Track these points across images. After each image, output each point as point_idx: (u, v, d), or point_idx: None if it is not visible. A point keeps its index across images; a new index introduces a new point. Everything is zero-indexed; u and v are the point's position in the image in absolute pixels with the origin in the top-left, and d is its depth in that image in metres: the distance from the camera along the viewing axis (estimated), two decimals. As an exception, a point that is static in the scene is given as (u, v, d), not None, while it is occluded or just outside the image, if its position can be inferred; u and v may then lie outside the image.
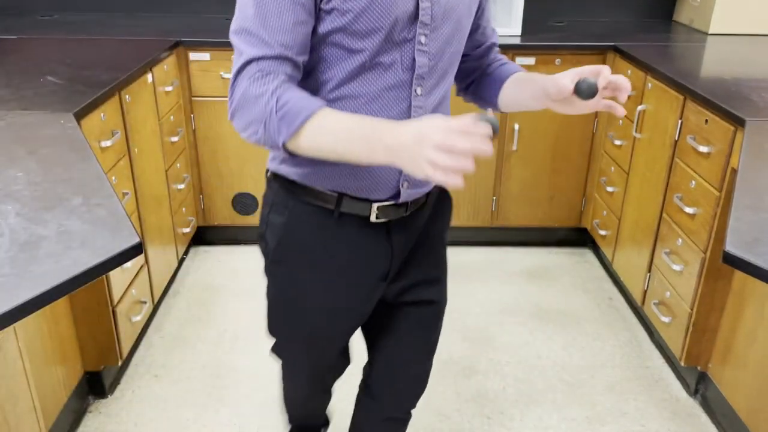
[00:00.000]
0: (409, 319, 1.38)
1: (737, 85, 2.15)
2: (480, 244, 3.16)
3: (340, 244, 1.22)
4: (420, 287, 1.35)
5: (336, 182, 1.17)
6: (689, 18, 3.18)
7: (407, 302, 1.36)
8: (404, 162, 0.90)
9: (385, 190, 1.18)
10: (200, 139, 2.88)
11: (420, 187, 1.22)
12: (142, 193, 2.29)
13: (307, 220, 1.21)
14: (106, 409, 2.12)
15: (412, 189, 1.20)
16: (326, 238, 1.22)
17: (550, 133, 2.89)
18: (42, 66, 2.27)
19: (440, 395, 2.19)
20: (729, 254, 1.17)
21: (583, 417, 2.11)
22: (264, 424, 2.06)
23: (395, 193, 1.19)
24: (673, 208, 2.22)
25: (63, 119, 1.73)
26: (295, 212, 1.21)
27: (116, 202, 1.27)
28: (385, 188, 1.18)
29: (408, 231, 1.26)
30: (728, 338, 2.02)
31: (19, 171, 1.41)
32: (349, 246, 1.23)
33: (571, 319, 2.61)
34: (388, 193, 1.19)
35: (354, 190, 1.17)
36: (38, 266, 1.06)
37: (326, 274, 1.25)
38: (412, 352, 1.42)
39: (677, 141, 2.20)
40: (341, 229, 1.21)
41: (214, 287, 2.79)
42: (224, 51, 2.72)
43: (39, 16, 3.21)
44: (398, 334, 1.39)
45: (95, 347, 2.07)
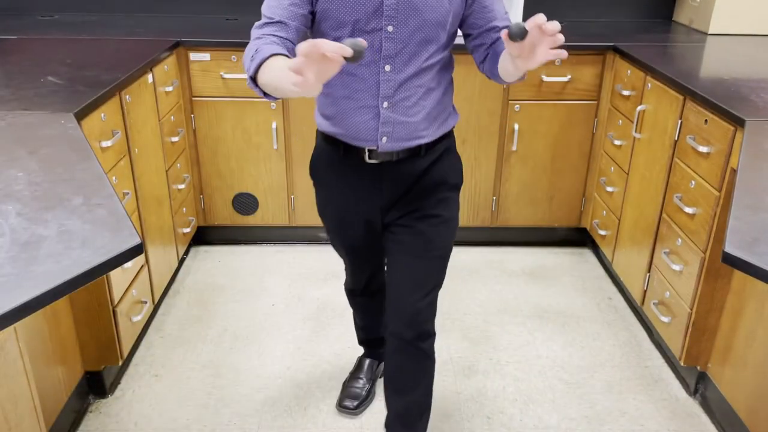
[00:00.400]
0: (398, 244, 1.68)
1: (737, 85, 2.15)
2: (480, 244, 3.16)
3: (345, 175, 1.65)
4: (413, 219, 1.65)
5: (333, 130, 1.60)
6: (689, 18, 3.18)
7: (400, 228, 1.67)
8: (289, 87, 1.15)
9: (368, 141, 1.56)
10: (200, 139, 2.88)
11: (400, 142, 1.56)
12: (142, 193, 2.29)
13: (325, 155, 1.68)
14: (106, 408, 2.12)
15: (392, 143, 1.56)
16: (335, 169, 1.66)
17: (550, 133, 2.89)
18: (42, 66, 2.27)
19: (440, 395, 2.19)
20: (728, 254, 1.17)
21: (583, 416, 2.12)
22: (264, 424, 2.06)
23: (376, 144, 1.56)
24: (672, 208, 2.22)
25: (63, 119, 1.74)
26: (319, 149, 1.70)
27: (117, 202, 1.27)
28: (366, 139, 1.56)
29: (400, 173, 1.61)
30: (728, 338, 2.02)
31: (19, 171, 1.41)
32: (350, 177, 1.65)
33: (570, 319, 2.61)
34: (371, 143, 1.56)
35: (346, 138, 1.58)
36: (39, 266, 1.06)
37: (336, 193, 1.71)
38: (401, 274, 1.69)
39: (677, 141, 2.20)
40: (346, 163, 1.63)
41: (215, 287, 2.79)
42: (224, 51, 2.73)
43: (39, 16, 3.21)
44: (391, 258, 1.72)
45: (96, 347, 2.08)
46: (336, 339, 2.46)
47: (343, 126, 1.57)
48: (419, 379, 1.76)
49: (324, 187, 1.74)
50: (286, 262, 3.00)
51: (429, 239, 1.65)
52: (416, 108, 1.54)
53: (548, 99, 2.83)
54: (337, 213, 1.74)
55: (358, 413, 2.09)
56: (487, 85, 2.79)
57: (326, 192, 1.74)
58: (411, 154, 1.59)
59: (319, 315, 2.61)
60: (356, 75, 1.50)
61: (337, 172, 1.66)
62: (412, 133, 1.56)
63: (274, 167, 2.94)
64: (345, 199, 1.69)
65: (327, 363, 2.34)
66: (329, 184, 1.71)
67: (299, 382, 2.25)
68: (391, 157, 1.59)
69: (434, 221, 1.65)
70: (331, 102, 1.57)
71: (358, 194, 1.66)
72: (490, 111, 2.85)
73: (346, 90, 1.52)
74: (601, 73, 2.79)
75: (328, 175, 1.70)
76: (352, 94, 1.52)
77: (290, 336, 2.48)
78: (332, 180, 1.69)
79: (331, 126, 1.60)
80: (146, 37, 2.76)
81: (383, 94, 1.50)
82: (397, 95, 1.51)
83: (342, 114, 1.56)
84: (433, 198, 1.65)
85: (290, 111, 2.84)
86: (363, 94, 1.51)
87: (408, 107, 1.53)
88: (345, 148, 1.60)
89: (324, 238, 3.16)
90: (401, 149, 1.58)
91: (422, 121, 1.56)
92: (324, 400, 2.16)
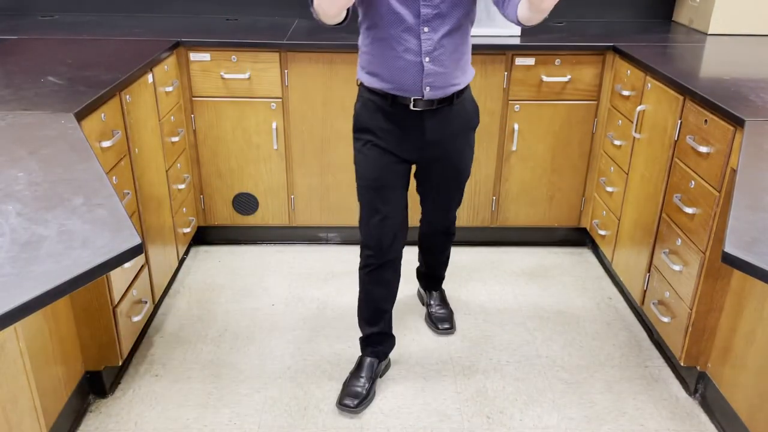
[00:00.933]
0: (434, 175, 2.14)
1: (736, 85, 2.15)
2: (480, 244, 3.17)
3: (391, 122, 1.97)
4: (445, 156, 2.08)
5: (382, 85, 1.92)
6: (689, 18, 3.18)
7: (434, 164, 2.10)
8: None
9: (414, 92, 1.90)
10: (201, 140, 2.88)
11: (440, 89, 1.91)
12: (142, 193, 2.29)
13: (371, 106, 1.98)
14: (106, 408, 2.12)
15: (433, 91, 1.91)
16: (383, 117, 1.97)
17: (550, 133, 2.89)
18: (43, 66, 2.27)
19: (440, 395, 2.20)
20: (728, 254, 1.18)
21: (583, 416, 2.12)
22: (264, 424, 2.06)
23: (421, 94, 1.90)
24: (672, 208, 2.22)
25: (64, 119, 1.74)
26: (364, 103, 1.99)
27: (117, 202, 1.27)
28: (413, 91, 1.90)
29: (437, 118, 1.98)
30: (727, 338, 2.03)
31: (20, 171, 1.42)
32: (396, 124, 1.97)
33: (570, 319, 2.61)
34: (417, 94, 1.90)
35: (394, 90, 1.91)
36: (39, 266, 1.06)
37: (381, 138, 1.99)
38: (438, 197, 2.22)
39: (677, 141, 2.20)
40: (393, 112, 1.95)
41: (215, 287, 2.79)
42: (224, 51, 2.73)
43: (39, 16, 3.21)
44: (427, 184, 2.19)
45: (96, 347, 2.08)
46: (336, 339, 2.47)
47: (392, 81, 1.90)
48: (445, 248, 2.49)
49: (368, 134, 2.00)
50: (286, 262, 3.00)
51: (458, 171, 2.14)
52: (451, 60, 1.90)
53: (548, 99, 2.83)
54: (384, 151, 2.00)
55: (359, 412, 2.11)
56: (487, 85, 2.79)
57: (373, 137, 2.00)
58: (445, 101, 1.96)
59: (319, 315, 2.61)
60: (401, 38, 1.84)
61: (385, 120, 1.97)
62: (448, 81, 1.92)
63: (274, 167, 2.94)
64: (392, 139, 1.99)
65: (327, 363, 2.34)
66: (378, 128, 1.98)
67: (299, 382, 2.25)
68: (431, 105, 1.94)
69: (460, 156, 2.10)
70: (380, 62, 1.90)
71: (402, 137, 1.99)
72: (490, 111, 2.85)
73: (393, 51, 1.86)
74: (600, 73, 2.80)
75: (376, 122, 1.98)
76: (400, 55, 1.86)
77: (290, 336, 2.48)
78: (381, 125, 1.98)
79: (380, 82, 1.92)
80: (146, 37, 2.76)
81: (425, 51, 1.85)
82: (436, 51, 1.86)
83: (391, 71, 1.89)
84: (461, 137, 2.08)
85: (290, 111, 2.84)
86: (408, 54, 1.86)
87: (444, 60, 1.89)
88: (393, 100, 1.93)
89: (324, 238, 3.16)
90: (440, 97, 1.93)
91: (455, 70, 1.93)
92: (324, 400, 2.16)
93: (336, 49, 2.72)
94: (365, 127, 2.00)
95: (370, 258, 2.09)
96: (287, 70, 2.77)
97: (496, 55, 2.75)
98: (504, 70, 2.77)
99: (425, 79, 1.88)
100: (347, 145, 2.90)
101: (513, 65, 2.76)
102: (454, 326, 2.53)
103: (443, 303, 2.60)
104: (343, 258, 2.98)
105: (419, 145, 2.00)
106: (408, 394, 2.20)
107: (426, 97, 1.91)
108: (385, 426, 2.06)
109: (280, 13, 3.27)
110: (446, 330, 2.51)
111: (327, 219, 3.07)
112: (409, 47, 1.84)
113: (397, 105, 1.94)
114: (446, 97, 1.95)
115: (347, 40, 2.73)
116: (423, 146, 2.01)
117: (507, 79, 2.79)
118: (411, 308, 2.66)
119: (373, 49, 1.90)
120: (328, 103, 2.82)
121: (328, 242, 3.17)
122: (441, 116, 1.97)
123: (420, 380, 2.26)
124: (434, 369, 2.32)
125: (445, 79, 1.91)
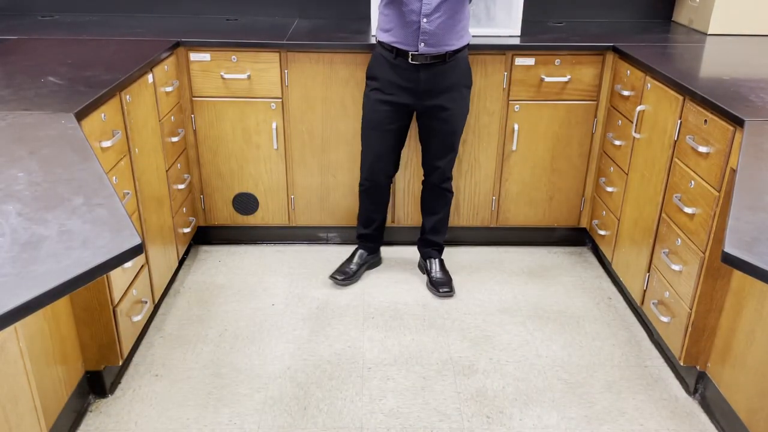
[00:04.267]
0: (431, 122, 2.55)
1: (736, 85, 2.15)
2: (480, 244, 3.17)
3: (395, 71, 2.44)
4: (440, 107, 2.50)
5: (390, 39, 2.40)
6: (688, 18, 3.18)
7: (431, 113, 2.52)
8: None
9: (412, 46, 2.37)
10: (201, 140, 2.88)
11: (433, 47, 2.37)
12: (142, 193, 2.29)
13: (382, 58, 2.46)
14: (106, 408, 2.12)
15: (427, 48, 2.36)
16: (389, 67, 2.44)
17: (549, 133, 2.89)
18: (43, 66, 2.27)
19: (440, 395, 2.20)
20: (728, 254, 1.18)
21: (582, 416, 2.12)
22: (264, 424, 2.07)
23: (417, 48, 2.37)
24: (672, 208, 2.22)
25: (64, 119, 1.74)
26: (377, 55, 2.49)
27: (117, 202, 1.27)
28: (411, 45, 2.37)
29: (432, 72, 2.42)
30: (727, 338, 2.03)
31: (20, 171, 1.42)
32: (399, 73, 2.44)
33: (570, 319, 2.62)
34: (413, 48, 2.37)
35: (398, 44, 2.39)
36: (39, 266, 1.06)
37: (387, 84, 2.47)
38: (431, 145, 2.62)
39: (676, 141, 2.21)
40: (396, 63, 2.43)
41: (215, 287, 2.79)
42: (224, 51, 2.73)
43: (39, 17, 3.21)
44: (423, 129, 2.61)
45: (96, 347, 2.08)
46: (336, 339, 2.47)
47: (397, 35, 2.39)
48: (443, 205, 2.78)
49: (378, 82, 2.49)
50: (286, 262, 3.00)
51: (451, 121, 2.54)
52: (445, 24, 2.34)
53: (548, 99, 2.83)
54: (386, 98, 2.49)
55: (345, 286, 2.80)
56: (487, 85, 2.79)
57: (379, 85, 2.48)
58: (439, 59, 2.40)
59: (319, 315, 2.61)
60: (407, 1, 2.32)
61: (391, 69, 2.44)
62: (441, 41, 2.37)
63: (274, 167, 2.94)
64: (394, 89, 2.47)
65: (327, 363, 2.34)
66: (383, 78, 2.47)
67: (299, 382, 2.25)
68: (426, 60, 2.39)
69: (454, 109, 2.51)
70: (390, 20, 2.39)
71: (404, 85, 2.45)
72: (490, 111, 2.85)
73: (400, 11, 2.35)
74: (600, 73, 2.80)
75: (383, 72, 2.46)
76: (405, 15, 2.34)
77: (290, 336, 2.48)
78: (386, 75, 2.46)
79: (390, 36, 2.40)
80: (146, 37, 2.76)
81: (424, 13, 2.32)
82: (432, 15, 2.32)
83: (397, 27, 2.37)
84: (455, 92, 2.48)
85: (290, 111, 2.84)
86: (412, 14, 2.34)
87: (440, 24, 2.34)
88: (397, 52, 2.40)
89: (324, 238, 3.16)
90: (434, 53, 2.38)
91: (449, 33, 2.37)
92: (324, 400, 2.16)
93: (336, 49, 2.72)
94: (373, 76, 2.49)
95: (365, 181, 2.71)
96: (287, 70, 2.77)
97: (496, 55, 2.75)
98: (504, 70, 2.77)
99: (421, 36, 2.35)
100: (347, 145, 2.90)
101: (513, 65, 2.76)
102: (453, 289, 2.77)
103: (443, 270, 2.84)
104: (343, 258, 2.98)
105: (416, 93, 2.46)
106: (408, 394, 2.20)
107: (420, 52, 2.37)
108: (385, 426, 2.06)
109: (280, 13, 3.27)
110: (446, 293, 2.74)
111: (327, 219, 3.07)
112: (413, 8, 2.32)
113: (399, 57, 2.41)
114: (439, 55, 2.39)
115: (347, 41, 2.73)
116: (419, 94, 2.46)
117: (507, 79, 2.79)
118: (411, 309, 2.66)
119: (387, 9, 2.39)
120: (328, 103, 2.82)
121: (328, 242, 3.18)
122: (435, 70, 2.42)
123: (420, 380, 2.26)
124: (434, 369, 2.32)
125: (437, 40, 2.36)
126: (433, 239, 2.85)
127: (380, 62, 2.46)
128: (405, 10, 2.32)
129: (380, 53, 2.46)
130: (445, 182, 2.70)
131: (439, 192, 2.73)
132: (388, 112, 2.50)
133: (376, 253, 2.94)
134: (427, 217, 2.83)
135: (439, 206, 2.78)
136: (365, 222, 2.84)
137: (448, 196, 2.76)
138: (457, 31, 2.38)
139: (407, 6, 2.32)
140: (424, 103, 2.48)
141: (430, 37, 2.34)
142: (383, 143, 2.58)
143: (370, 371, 2.30)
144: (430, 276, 2.81)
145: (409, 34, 2.35)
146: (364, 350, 2.41)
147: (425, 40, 2.35)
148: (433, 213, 2.80)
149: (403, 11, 2.33)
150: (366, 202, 2.78)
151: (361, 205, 2.81)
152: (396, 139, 2.60)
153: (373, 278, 2.87)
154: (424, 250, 2.89)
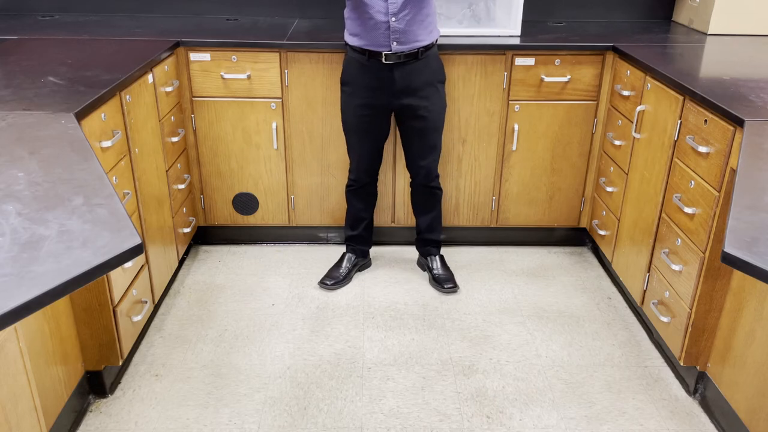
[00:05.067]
0: (410, 121, 2.55)
1: (736, 85, 2.15)
2: (480, 244, 3.17)
3: (370, 74, 2.44)
4: (417, 106, 2.49)
5: (360, 42, 2.39)
6: (688, 18, 3.18)
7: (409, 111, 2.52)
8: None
9: (384, 47, 2.38)
10: (201, 140, 2.88)
11: (405, 45, 2.38)
12: (142, 193, 2.29)
13: (354, 62, 2.46)
14: (106, 408, 2.12)
15: (400, 46, 2.37)
16: (363, 70, 2.45)
17: (549, 133, 2.89)
18: (43, 66, 2.27)
19: (440, 395, 2.20)
20: (728, 254, 1.18)
21: (582, 416, 2.12)
22: (264, 424, 2.07)
23: (389, 48, 2.37)
24: (672, 208, 2.22)
25: (64, 119, 1.74)
26: (349, 59, 2.49)
27: (117, 202, 1.28)
28: (383, 45, 2.37)
29: (406, 70, 2.43)
30: (727, 338, 2.03)
31: (20, 171, 1.42)
32: (373, 75, 2.44)
33: (570, 319, 2.62)
34: (386, 48, 2.38)
35: (369, 46, 2.38)
36: (39, 266, 1.06)
37: (363, 88, 2.48)
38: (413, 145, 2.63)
39: (676, 141, 2.21)
40: (369, 65, 2.42)
41: (215, 287, 2.79)
42: (224, 51, 2.73)
43: (39, 17, 3.21)
44: (403, 130, 2.61)
45: (96, 347, 2.08)
46: (336, 339, 2.47)
47: (367, 38, 2.38)
48: (435, 203, 2.78)
49: (352, 86, 2.49)
50: (286, 262, 3.00)
51: (430, 117, 2.54)
52: (414, 20, 2.35)
53: (548, 99, 2.83)
54: (362, 102, 2.49)
55: (334, 290, 2.78)
56: (487, 85, 2.79)
57: (354, 89, 2.49)
58: (412, 56, 2.41)
59: (319, 315, 2.61)
60: (373, 2, 2.32)
61: (364, 72, 2.44)
62: (412, 38, 2.38)
63: (274, 167, 2.94)
64: (369, 92, 2.47)
65: (327, 363, 2.34)
66: (358, 82, 2.47)
67: (299, 382, 2.25)
68: (399, 59, 2.39)
69: (431, 105, 2.52)
70: (358, 24, 2.38)
71: (379, 86, 2.45)
72: (490, 111, 2.85)
73: (366, 14, 2.34)
74: (600, 73, 2.80)
75: (357, 76, 2.46)
76: (372, 16, 2.33)
77: (290, 336, 2.48)
78: (360, 79, 2.46)
79: (359, 40, 2.40)
80: (146, 37, 2.76)
81: (391, 12, 2.32)
82: (400, 13, 2.33)
83: (365, 30, 2.37)
84: (430, 88, 2.49)
85: (290, 111, 2.84)
86: (378, 15, 2.33)
87: (409, 20, 2.35)
88: (369, 54, 2.40)
89: (324, 238, 3.16)
90: (406, 51, 2.39)
91: (419, 29, 2.38)
92: (324, 400, 2.16)
93: (336, 49, 2.72)
94: (347, 81, 2.51)
95: (352, 182, 2.74)
96: (287, 70, 2.77)
97: (496, 55, 2.75)
98: (504, 70, 2.77)
99: (392, 35, 2.36)
100: (347, 145, 2.91)
101: (513, 65, 2.76)
102: (457, 285, 2.78)
103: (444, 266, 2.85)
104: (343, 258, 2.98)
105: (392, 93, 2.46)
106: (408, 394, 2.20)
107: (393, 51, 2.38)
108: (385, 426, 2.06)
109: (280, 13, 3.27)
110: (450, 288, 2.76)
111: (327, 219, 3.07)
112: (379, 9, 2.33)
113: (372, 59, 2.40)
114: (412, 53, 2.40)
115: (347, 40, 2.73)
116: (395, 94, 2.46)
117: (507, 79, 2.79)
118: (411, 309, 2.66)
119: (352, 14, 2.39)
120: (328, 103, 2.82)
121: (328, 242, 3.18)
122: (409, 68, 2.43)
123: (420, 380, 2.26)
124: (434, 369, 2.32)
125: (408, 36, 2.37)
126: (431, 237, 2.85)
127: (353, 66, 2.46)
128: (371, 12, 2.32)
129: (352, 57, 2.45)
130: (433, 181, 2.70)
131: (428, 191, 2.73)
132: (367, 116, 2.52)
133: (365, 256, 2.92)
134: (421, 216, 2.83)
135: (431, 205, 2.78)
136: (353, 223, 2.84)
137: (437, 194, 2.76)
138: (426, 25, 2.39)
139: (373, 8, 2.31)
140: (401, 102, 2.48)
141: (401, 34, 2.35)
142: (365, 145, 2.61)
143: (370, 371, 2.30)
144: (433, 273, 2.82)
145: (379, 35, 2.35)
146: (364, 350, 2.41)
147: (397, 39, 2.36)
148: (426, 212, 2.80)
149: (369, 13, 2.32)
150: (354, 202, 2.79)
151: (348, 206, 2.82)
152: (377, 139, 2.62)
153: (373, 278, 2.87)
154: (423, 249, 2.89)
